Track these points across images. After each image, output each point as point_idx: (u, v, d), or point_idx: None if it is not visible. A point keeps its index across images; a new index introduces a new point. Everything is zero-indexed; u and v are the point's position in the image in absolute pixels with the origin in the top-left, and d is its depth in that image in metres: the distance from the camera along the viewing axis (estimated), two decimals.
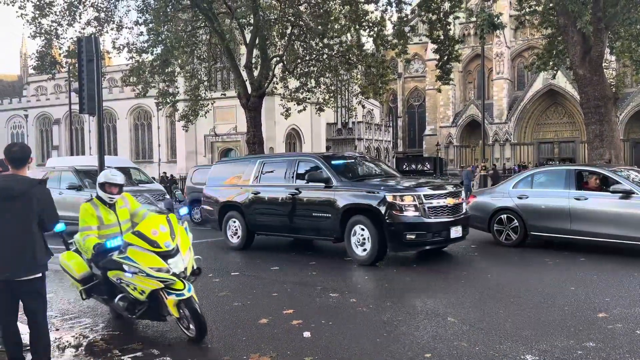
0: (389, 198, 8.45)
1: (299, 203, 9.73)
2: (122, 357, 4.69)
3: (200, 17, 20.64)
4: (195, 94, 23.08)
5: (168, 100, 22.59)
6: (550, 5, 16.93)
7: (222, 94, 28.26)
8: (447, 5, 18.24)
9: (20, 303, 4.19)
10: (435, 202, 8.67)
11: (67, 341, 5.19)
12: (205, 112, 24.53)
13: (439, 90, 33.56)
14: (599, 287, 6.88)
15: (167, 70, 21.12)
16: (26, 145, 4.46)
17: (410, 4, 19.83)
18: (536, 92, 54.12)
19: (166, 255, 4.81)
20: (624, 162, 21.16)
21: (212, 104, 25.62)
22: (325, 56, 21.82)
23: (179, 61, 21.77)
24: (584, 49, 14.52)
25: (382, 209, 8.45)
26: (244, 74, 20.67)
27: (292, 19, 20.75)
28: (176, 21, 20.73)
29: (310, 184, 9.54)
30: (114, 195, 5.48)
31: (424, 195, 8.58)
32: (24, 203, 4.01)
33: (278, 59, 21.65)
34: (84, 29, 19.27)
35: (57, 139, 56.73)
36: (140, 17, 20.03)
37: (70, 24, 19.11)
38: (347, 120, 53.67)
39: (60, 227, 5.04)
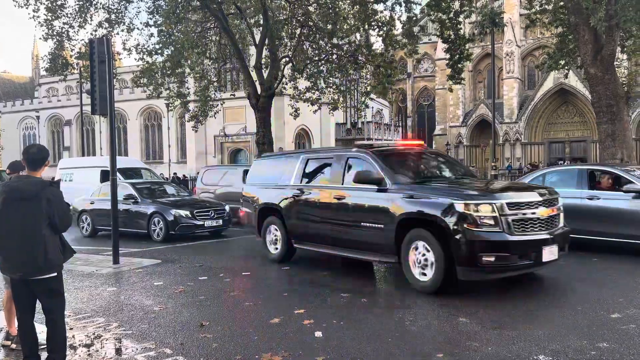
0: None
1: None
2: (135, 357, 4.72)
3: (210, 18, 20.69)
4: (204, 94, 23.15)
5: (179, 101, 22.69)
6: (561, 3, 16.78)
7: (231, 95, 28.27)
8: (457, 4, 18.16)
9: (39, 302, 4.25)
10: None
11: (81, 340, 5.23)
12: (215, 113, 24.59)
13: (450, 90, 33.40)
14: (612, 288, 6.83)
15: (177, 71, 21.20)
16: (44, 147, 4.50)
17: (419, 4, 19.76)
18: (547, 92, 53.66)
19: None
20: (636, 161, 20.93)
21: (221, 104, 25.66)
22: (334, 56, 21.81)
23: (189, 62, 21.84)
24: (595, 48, 14.37)
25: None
26: (254, 75, 20.69)
27: (302, 19, 20.75)
28: (186, 22, 20.79)
29: None
30: None
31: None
32: (34, 205, 4.05)
33: (287, 59, 21.66)
34: (95, 30, 19.41)
35: (68, 140, 57.15)
36: (151, 19, 20.14)
37: (81, 25, 19.26)
38: (356, 120, 53.60)
39: None
